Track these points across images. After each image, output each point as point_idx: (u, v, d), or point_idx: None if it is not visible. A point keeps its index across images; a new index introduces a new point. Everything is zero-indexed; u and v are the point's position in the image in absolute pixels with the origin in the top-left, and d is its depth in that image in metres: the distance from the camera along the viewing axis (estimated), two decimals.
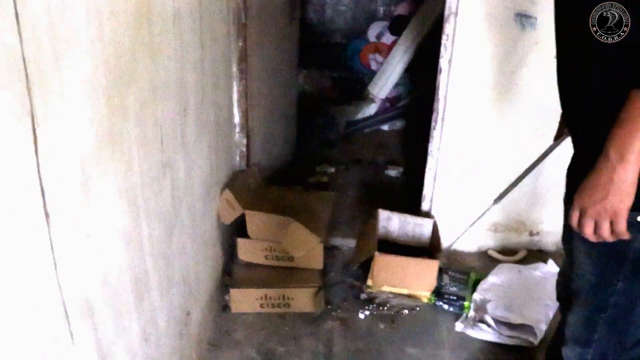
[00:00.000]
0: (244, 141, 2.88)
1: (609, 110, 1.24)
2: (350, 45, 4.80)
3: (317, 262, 2.68)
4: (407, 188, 3.53)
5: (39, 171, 0.97)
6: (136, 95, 1.42)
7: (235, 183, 2.65)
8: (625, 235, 1.27)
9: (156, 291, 1.68)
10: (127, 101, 1.36)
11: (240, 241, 2.68)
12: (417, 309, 2.63)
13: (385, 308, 2.63)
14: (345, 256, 3.01)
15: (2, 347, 0.93)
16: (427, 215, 3.00)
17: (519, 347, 2.43)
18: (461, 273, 2.79)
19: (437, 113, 2.80)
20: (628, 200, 1.23)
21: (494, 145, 2.81)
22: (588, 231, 1.29)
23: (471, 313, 2.55)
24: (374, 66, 4.62)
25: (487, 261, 2.99)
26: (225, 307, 2.61)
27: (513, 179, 2.26)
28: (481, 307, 2.55)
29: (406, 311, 2.62)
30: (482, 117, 2.76)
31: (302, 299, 2.57)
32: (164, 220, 1.72)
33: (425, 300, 2.67)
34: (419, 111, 4.12)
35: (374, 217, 2.98)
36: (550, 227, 3.00)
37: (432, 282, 2.64)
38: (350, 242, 3.07)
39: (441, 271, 2.74)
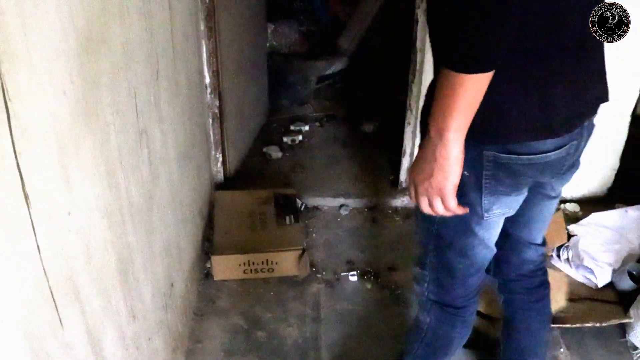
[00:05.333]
0: (216, 103, 2.77)
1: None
2: None
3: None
4: (384, 144, 3.46)
5: (14, 149, 0.88)
6: (108, 60, 1.31)
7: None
8: (459, 211, 1.29)
9: (140, 265, 1.60)
10: (100, 68, 1.26)
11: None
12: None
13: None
14: (326, 216, 2.96)
15: None
16: None
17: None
18: None
19: (415, 66, 2.73)
20: (453, 178, 1.23)
21: None
22: (424, 207, 1.30)
23: None
24: (343, 18, 4.48)
25: None
26: (207, 275, 2.55)
27: None
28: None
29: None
30: None
31: (286, 263, 2.52)
32: (143, 190, 1.63)
33: None
34: (391, 64, 4.04)
35: None
36: None
37: None
38: (330, 201, 3.02)
39: None
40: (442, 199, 1.26)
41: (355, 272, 2.56)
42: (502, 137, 1.27)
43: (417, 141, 2.83)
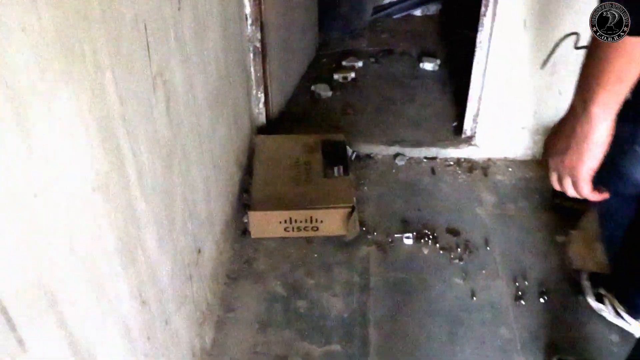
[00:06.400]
0: (258, 35, 2.43)
1: None
2: None
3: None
4: (446, 84, 3.08)
5: None
6: None
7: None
8: (591, 197, 1.10)
9: (153, 240, 1.32)
10: None
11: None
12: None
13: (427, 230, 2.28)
14: (379, 166, 2.63)
15: None
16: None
17: None
18: None
19: None
20: (590, 161, 1.03)
21: (555, 33, 2.32)
22: (553, 182, 1.15)
23: None
24: None
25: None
26: (245, 232, 2.28)
27: None
28: None
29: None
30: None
31: (333, 222, 2.22)
32: (158, 148, 1.33)
33: None
34: None
35: None
36: None
37: None
38: (384, 150, 2.68)
39: None
40: (573, 181, 1.08)
41: (410, 235, 2.25)
42: None
43: (487, 84, 2.47)
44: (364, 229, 2.28)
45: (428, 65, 3.24)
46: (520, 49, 2.35)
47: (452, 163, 2.63)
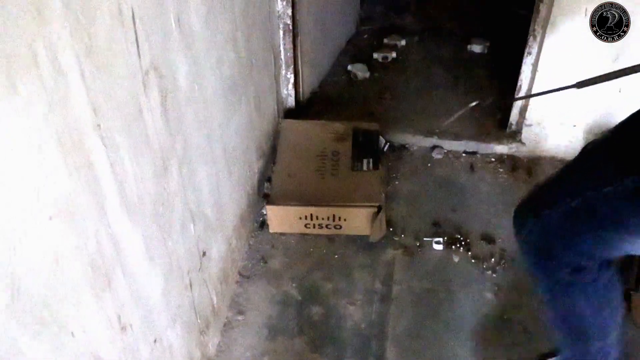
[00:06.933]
0: (289, 11, 2.24)
1: None
2: None
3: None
4: (495, 70, 2.85)
5: None
6: None
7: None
8: None
9: (139, 256, 1.18)
10: None
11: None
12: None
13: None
14: (414, 158, 2.44)
15: None
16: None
17: None
18: None
19: None
20: None
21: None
22: None
23: None
24: None
25: None
26: (263, 224, 2.13)
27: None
28: None
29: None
30: None
31: (357, 221, 2.05)
32: (150, 152, 1.18)
33: None
34: None
35: None
36: None
37: None
38: (420, 141, 2.49)
39: None
40: None
41: (441, 239, 2.07)
42: None
43: (538, 76, 2.24)
44: (391, 229, 2.11)
45: (476, 47, 3.00)
46: (578, 40, 2.10)
47: (493, 160, 2.42)
